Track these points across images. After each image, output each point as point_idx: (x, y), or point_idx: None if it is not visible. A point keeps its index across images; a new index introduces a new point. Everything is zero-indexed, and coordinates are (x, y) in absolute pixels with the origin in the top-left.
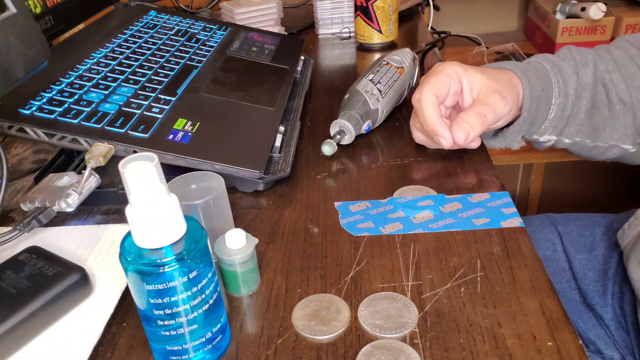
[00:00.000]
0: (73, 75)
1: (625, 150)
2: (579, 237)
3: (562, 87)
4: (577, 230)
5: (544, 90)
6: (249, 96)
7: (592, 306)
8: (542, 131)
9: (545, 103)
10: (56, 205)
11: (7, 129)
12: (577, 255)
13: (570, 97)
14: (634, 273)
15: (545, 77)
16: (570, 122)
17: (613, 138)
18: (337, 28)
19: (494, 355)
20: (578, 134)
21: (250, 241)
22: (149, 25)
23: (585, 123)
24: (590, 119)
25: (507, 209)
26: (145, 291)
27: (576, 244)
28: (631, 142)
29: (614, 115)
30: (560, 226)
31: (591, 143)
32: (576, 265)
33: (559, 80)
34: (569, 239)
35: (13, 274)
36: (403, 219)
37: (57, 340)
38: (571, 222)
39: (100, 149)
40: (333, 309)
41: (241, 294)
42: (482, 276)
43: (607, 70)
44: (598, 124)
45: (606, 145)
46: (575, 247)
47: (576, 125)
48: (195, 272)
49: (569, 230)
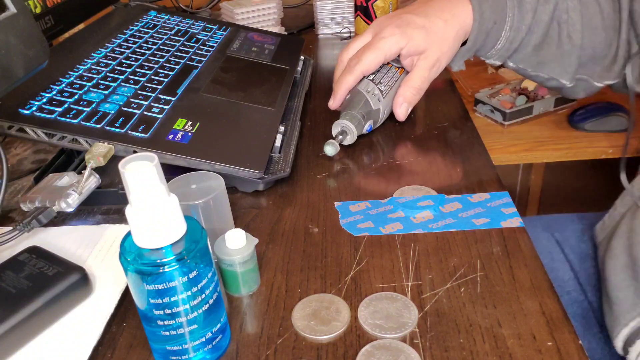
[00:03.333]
0: (73, 75)
1: (562, 84)
2: (579, 243)
3: (515, 22)
4: (575, 235)
5: (495, 23)
6: (249, 96)
7: (602, 323)
8: (487, 56)
9: (494, 35)
10: (56, 205)
11: (7, 129)
12: (581, 265)
13: (521, 33)
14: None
15: (501, 10)
16: (516, 53)
17: (555, 72)
18: (337, 28)
19: (493, 355)
20: (522, 62)
21: (250, 241)
22: (149, 25)
23: (532, 55)
24: (537, 52)
25: (507, 209)
26: (145, 291)
27: (577, 251)
28: (569, 78)
29: (561, 53)
30: (557, 233)
31: (533, 72)
32: (582, 277)
33: (514, 14)
34: (569, 246)
35: (13, 274)
36: (403, 219)
37: (57, 340)
38: (567, 226)
39: (100, 149)
40: (333, 309)
41: (241, 294)
42: (482, 276)
43: (566, 9)
44: (544, 58)
45: (547, 76)
46: (578, 255)
47: (522, 55)
48: (195, 272)
49: (566, 236)
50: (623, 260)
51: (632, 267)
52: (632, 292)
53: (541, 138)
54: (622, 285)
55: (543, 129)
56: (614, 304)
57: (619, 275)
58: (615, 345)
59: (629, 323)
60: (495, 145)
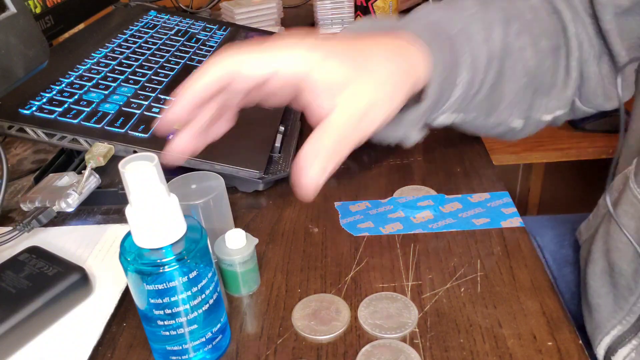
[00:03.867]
0: (73, 75)
1: (512, 128)
2: (559, 249)
3: (470, 62)
4: (556, 240)
5: (451, 66)
6: None
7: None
8: (440, 112)
9: (449, 83)
10: (56, 205)
11: (7, 129)
12: (559, 271)
13: (479, 73)
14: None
15: (451, 48)
16: (472, 101)
17: (504, 115)
18: (337, 28)
19: (494, 355)
20: (475, 110)
21: (250, 241)
22: (149, 25)
23: (485, 100)
24: (491, 94)
25: (507, 209)
26: (145, 291)
27: (557, 257)
28: (523, 117)
29: (515, 90)
30: (538, 237)
31: (480, 122)
32: (561, 284)
33: (467, 52)
34: (549, 251)
35: (13, 274)
36: (403, 219)
37: (57, 340)
38: (548, 230)
39: (100, 149)
40: (333, 309)
41: (241, 294)
42: (482, 276)
43: (516, 33)
44: (497, 99)
45: (495, 123)
46: (557, 261)
47: (476, 101)
48: (195, 272)
49: (547, 241)
50: (601, 265)
51: (610, 273)
52: (611, 299)
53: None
54: (602, 292)
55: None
56: (594, 311)
57: (598, 280)
58: (597, 353)
59: (610, 331)
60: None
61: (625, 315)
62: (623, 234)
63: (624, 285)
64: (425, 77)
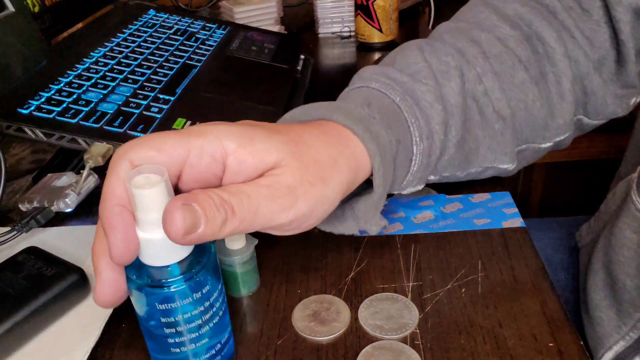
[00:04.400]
0: (72, 75)
1: (503, 169)
2: (555, 253)
3: (423, 126)
4: (552, 244)
5: (399, 142)
6: (249, 96)
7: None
8: (402, 188)
9: (403, 157)
10: (55, 205)
11: (5, 129)
12: (555, 276)
13: (437, 136)
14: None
15: (397, 120)
16: (438, 163)
17: (488, 160)
18: (337, 27)
19: (495, 356)
20: (447, 170)
21: (250, 242)
22: (148, 24)
23: (455, 156)
24: (460, 149)
25: (508, 209)
26: (153, 310)
27: (553, 262)
28: (510, 160)
29: (490, 135)
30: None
31: (462, 174)
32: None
33: (418, 118)
34: (545, 256)
35: (11, 275)
36: (403, 219)
37: (55, 340)
38: (545, 234)
39: (99, 148)
40: (333, 309)
41: (241, 295)
42: (482, 277)
43: (477, 77)
44: (470, 149)
45: (480, 169)
46: (553, 266)
47: (444, 162)
48: (205, 288)
49: (543, 245)
50: (602, 277)
51: (613, 286)
52: (614, 313)
53: None
54: (603, 305)
55: None
56: (596, 325)
57: (599, 292)
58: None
59: (613, 346)
60: None
61: (628, 330)
62: (625, 248)
63: (627, 300)
64: (368, 167)
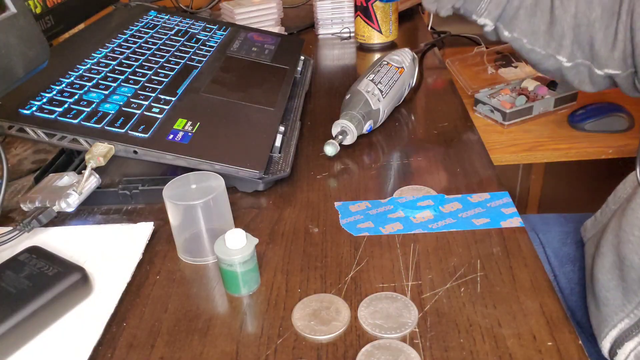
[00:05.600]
0: (73, 75)
1: (560, 62)
2: (562, 246)
3: None
4: (559, 237)
5: None
6: (249, 96)
7: (581, 324)
8: (478, 12)
9: None
10: (56, 205)
11: (7, 129)
12: (561, 268)
13: None
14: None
15: None
16: (507, 11)
17: (550, 47)
18: (337, 28)
19: (494, 355)
20: (516, 30)
21: (250, 241)
22: (149, 25)
23: (524, 21)
24: (530, 18)
25: (507, 209)
26: None
27: (559, 254)
28: (567, 54)
29: (554, 21)
30: (541, 234)
31: (529, 45)
32: (561, 280)
33: None
34: (552, 249)
35: (13, 274)
36: (403, 219)
37: (57, 340)
38: (551, 227)
39: (101, 149)
40: (333, 309)
41: (241, 294)
42: (482, 276)
43: None
44: (538, 27)
45: (543, 52)
46: (559, 258)
47: (516, 21)
48: None
49: (550, 238)
50: (611, 259)
51: (620, 266)
52: (620, 293)
53: (541, 138)
54: (610, 285)
55: (543, 129)
56: (602, 305)
57: (606, 274)
58: (602, 346)
59: (617, 324)
60: (495, 145)
61: (633, 308)
62: (636, 227)
63: (634, 278)
64: None
